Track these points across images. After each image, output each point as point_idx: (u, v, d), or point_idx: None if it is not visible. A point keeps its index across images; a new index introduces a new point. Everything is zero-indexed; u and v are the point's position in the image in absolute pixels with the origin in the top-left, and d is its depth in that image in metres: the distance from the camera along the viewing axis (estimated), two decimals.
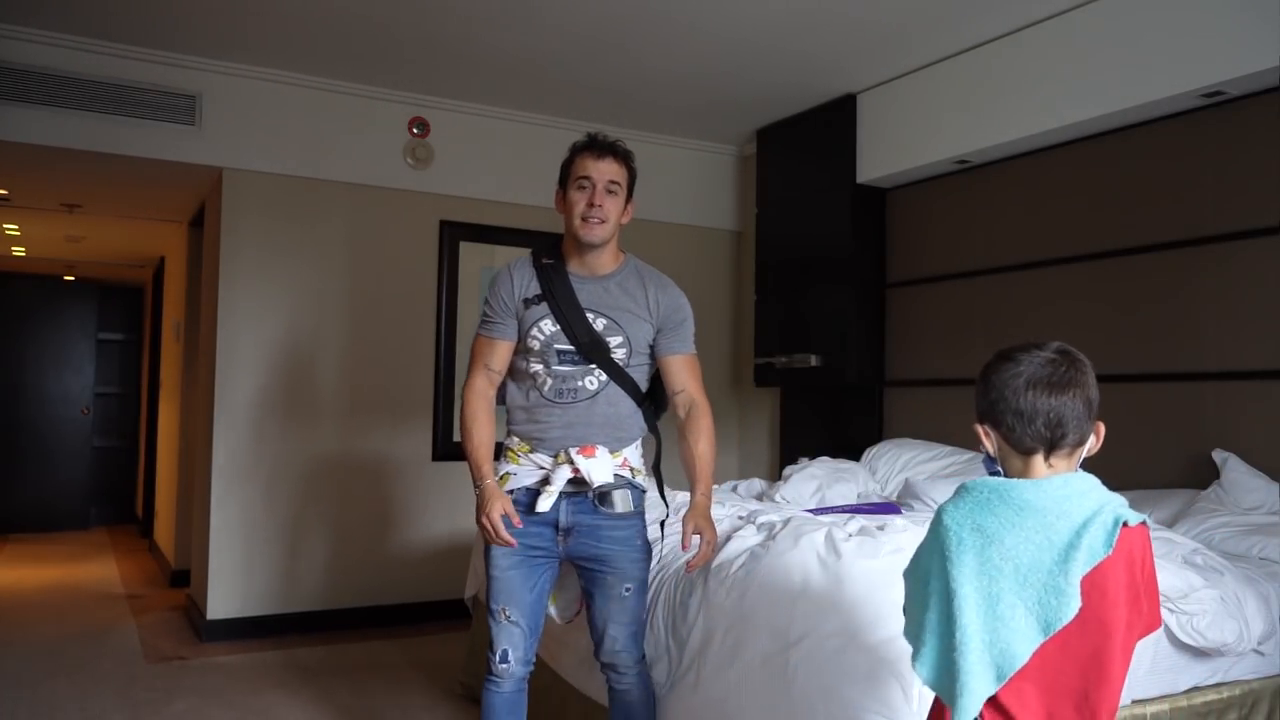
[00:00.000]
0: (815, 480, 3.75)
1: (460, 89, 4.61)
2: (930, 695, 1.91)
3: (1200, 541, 2.69)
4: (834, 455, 4.11)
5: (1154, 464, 3.40)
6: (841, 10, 3.62)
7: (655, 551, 2.54)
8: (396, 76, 4.47)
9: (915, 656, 1.42)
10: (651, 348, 2.31)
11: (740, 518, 2.77)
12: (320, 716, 3.36)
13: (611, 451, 2.23)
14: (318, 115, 4.50)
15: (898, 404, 4.54)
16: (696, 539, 2.24)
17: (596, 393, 2.23)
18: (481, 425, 2.28)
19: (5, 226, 6.32)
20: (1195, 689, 2.40)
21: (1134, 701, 2.28)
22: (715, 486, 3.91)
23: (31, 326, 8.00)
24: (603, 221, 2.21)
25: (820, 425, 4.88)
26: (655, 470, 2.43)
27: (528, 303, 2.24)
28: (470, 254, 4.89)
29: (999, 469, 1.48)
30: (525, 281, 2.27)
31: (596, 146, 2.26)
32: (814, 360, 4.61)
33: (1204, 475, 3.18)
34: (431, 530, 4.73)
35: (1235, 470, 3.06)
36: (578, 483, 2.20)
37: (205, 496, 4.49)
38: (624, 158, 2.27)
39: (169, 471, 6.14)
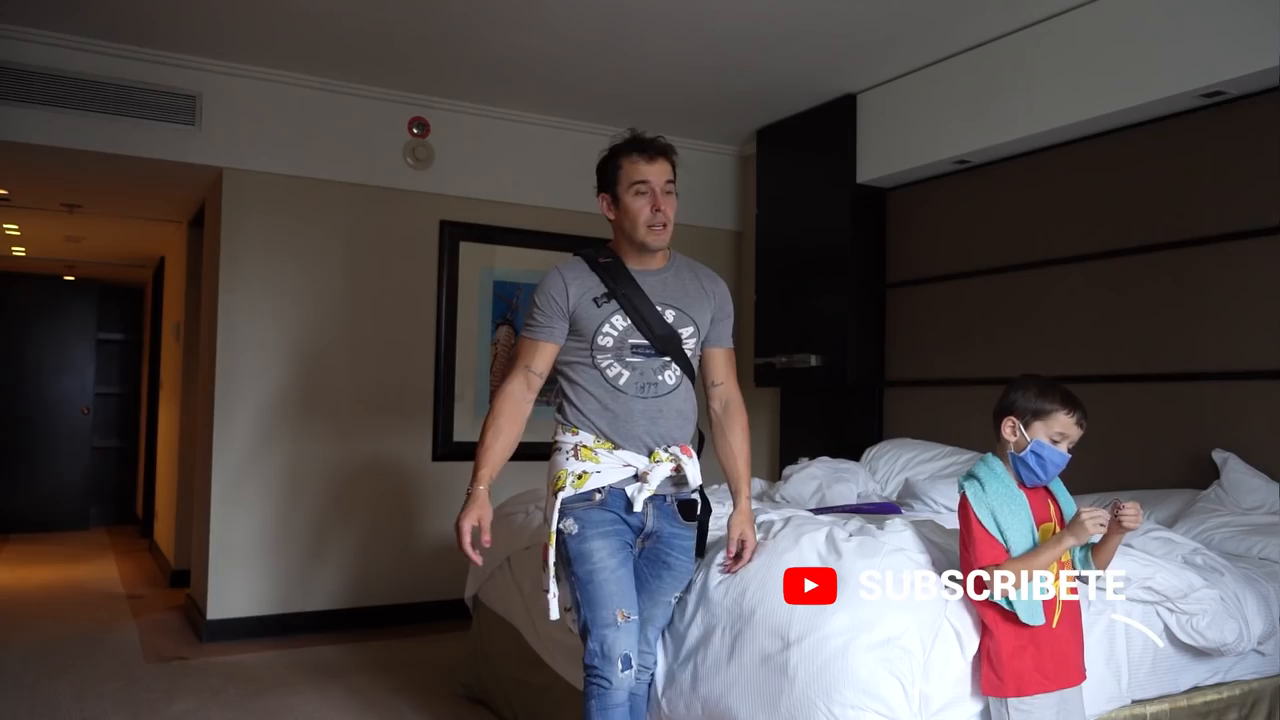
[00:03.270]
0: (815, 480, 3.74)
1: (460, 89, 4.61)
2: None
3: (1200, 541, 2.69)
4: (834, 455, 4.11)
5: (1154, 464, 3.40)
6: (841, 10, 3.62)
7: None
8: (396, 76, 4.47)
9: None
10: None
11: None
12: (320, 716, 3.36)
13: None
14: (318, 115, 4.50)
15: (898, 404, 4.54)
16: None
17: (675, 387, 2.22)
18: (501, 429, 2.20)
19: (5, 226, 6.32)
20: (1195, 689, 2.40)
21: (1134, 702, 2.29)
22: (716, 488, 3.92)
23: (31, 326, 8.00)
24: (666, 225, 2.20)
25: (820, 425, 4.87)
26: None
27: (596, 301, 2.19)
28: (470, 254, 4.89)
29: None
30: (583, 281, 2.21)
31: (648, 149, 2.19)
32: (814, 360, 4.61)
33: (1204, 475, 3.18)
34: (432, 530, 4.73)
35: (1235, 470, 3.06)
36: (662, 483, 2.18)
37: (205, 496, 4.49)
38: (673, 155, 2.24)
39: (169, 471, 6.14)
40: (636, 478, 2.16)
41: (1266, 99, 3.14)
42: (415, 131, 4.72)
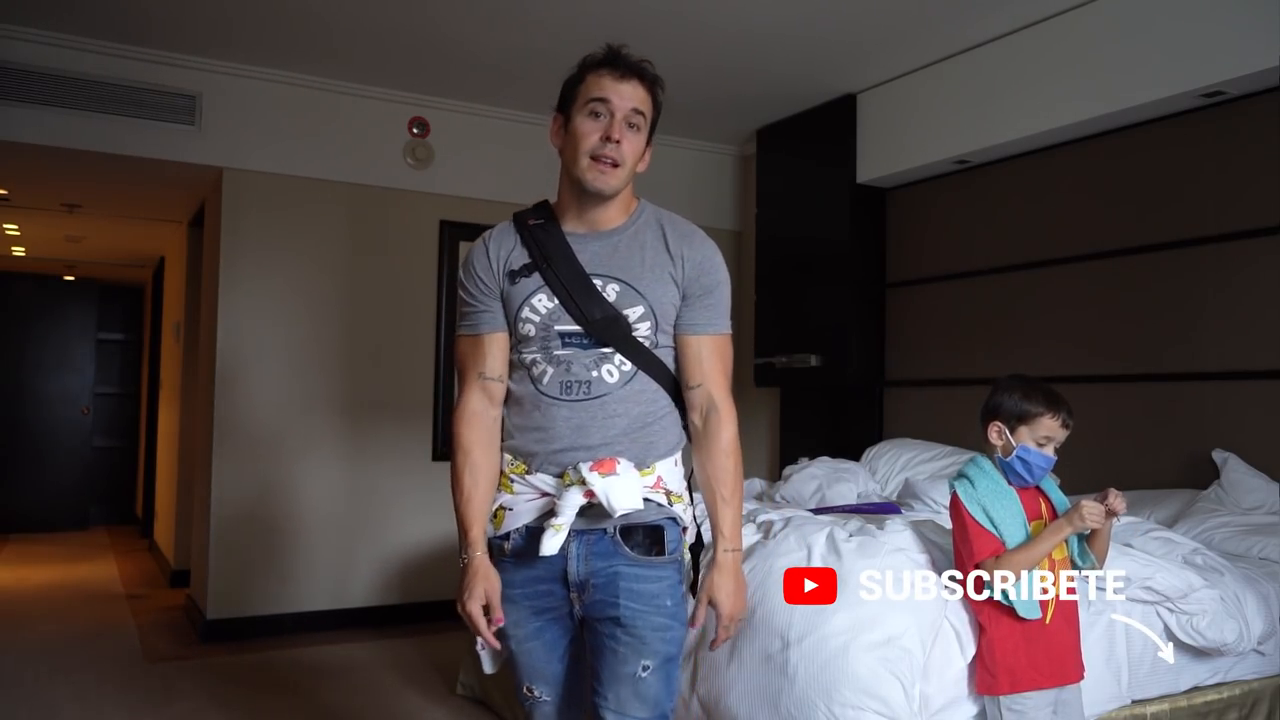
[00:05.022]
0: (815, 480, 3.75)
1: (460, 89, 4.61)
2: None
3: (1200, 541, 2.70)
4: (834, 455, 4.11)
5: (1154, 464, 3.40)
6: (841, 10, 3.62)
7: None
8: (396, 76, 4.47)
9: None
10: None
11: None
12: (320, 716, 3.36)
13: (640, 467, 1.61)
14: (318, 115, 4.50)
15: (898, 404, 4.54)
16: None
17: (619, 386, 1.62)
18: (477, 468, 1.66)
19: (5, 226, 6.32)
20: (1195, 689, 2.41)
21: (1134, 702, 2.29)
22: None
23: (31, 326, 7.99)
24: (617, 165, 1.62)
25: (820, 425, 4.87)
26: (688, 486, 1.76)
27: (514, 275, 1.67)
28: None
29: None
30: (507, 248, 1.71)
31: (619, 64, 1.65)
32: (814, 360, 4.61)
33: (1204, 475, 3.18)
34: (432, 530, 4.73)
35: (1235, 470, 3.06)
36: (593, 513, 1.58)
37: (205, 496, 4.49)
38: (653, 83, 1.70)
39: (169, 471, 6.14)
40: (553, 511, 1.59)
41: (1266, 99, 3.14)
42: (415, 131, 4.72)
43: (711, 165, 5.50)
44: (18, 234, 6.58)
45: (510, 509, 1.65)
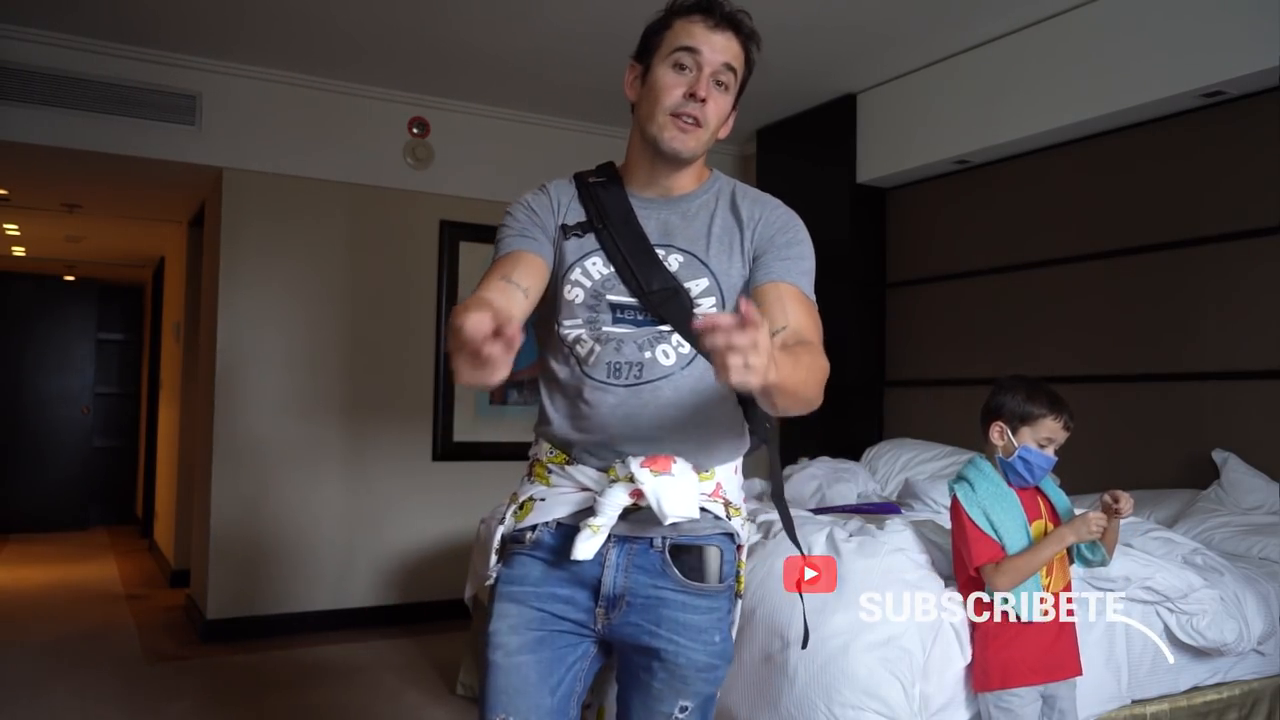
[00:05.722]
0: (815, 480, 3.75)
1: (460, 89, 4.61)
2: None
3: (1200, 541, 2.70)
4: (834, 455, 4.11)
5: (1154, 464, 3.40)
6: (842, 9, 3.62)
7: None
8: (396, 76, 4.47)
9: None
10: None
11: None
12: (320, 716, 3.36)
13: (699, 470, 1.40)
14: (318, 115, 4.50)
15: (898, 404, 4.54)
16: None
17: (675, 370, 1.41)
18: (469, 305, 1.24)
19: (5, 226, 6.32)
20: (1195, 689, 2.41)
21: (1134, 701, 2.29)
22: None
23: (31, 326, 8.00)
24: (699, 125, 1.46)
25: (820, 425, 4.85)
26: (777, 500, 1.58)
27: (567, 231, 1.48)
28: (470, 254, 4.89)
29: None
30: (565, 202, 1.53)
31: (714, 11, 1.48)
32: None
33: (1204, 475, 3.18)
34: (431, 530, 4.73)
35: (1235, 470, 3.06)
36: (639, 518, 1.38)
37: (205, 496, 4.49)
38: (749, 38, 1.54)
39: (169, 471, 6.14)
40: (591, 510, 1.39)
41: (1266, 99, 3.14)
42: (415, 131, 4.72)
43: (711, 165, 5.48)
44: (18, 234, 6.58)
45: (542, 499, 1.44)
